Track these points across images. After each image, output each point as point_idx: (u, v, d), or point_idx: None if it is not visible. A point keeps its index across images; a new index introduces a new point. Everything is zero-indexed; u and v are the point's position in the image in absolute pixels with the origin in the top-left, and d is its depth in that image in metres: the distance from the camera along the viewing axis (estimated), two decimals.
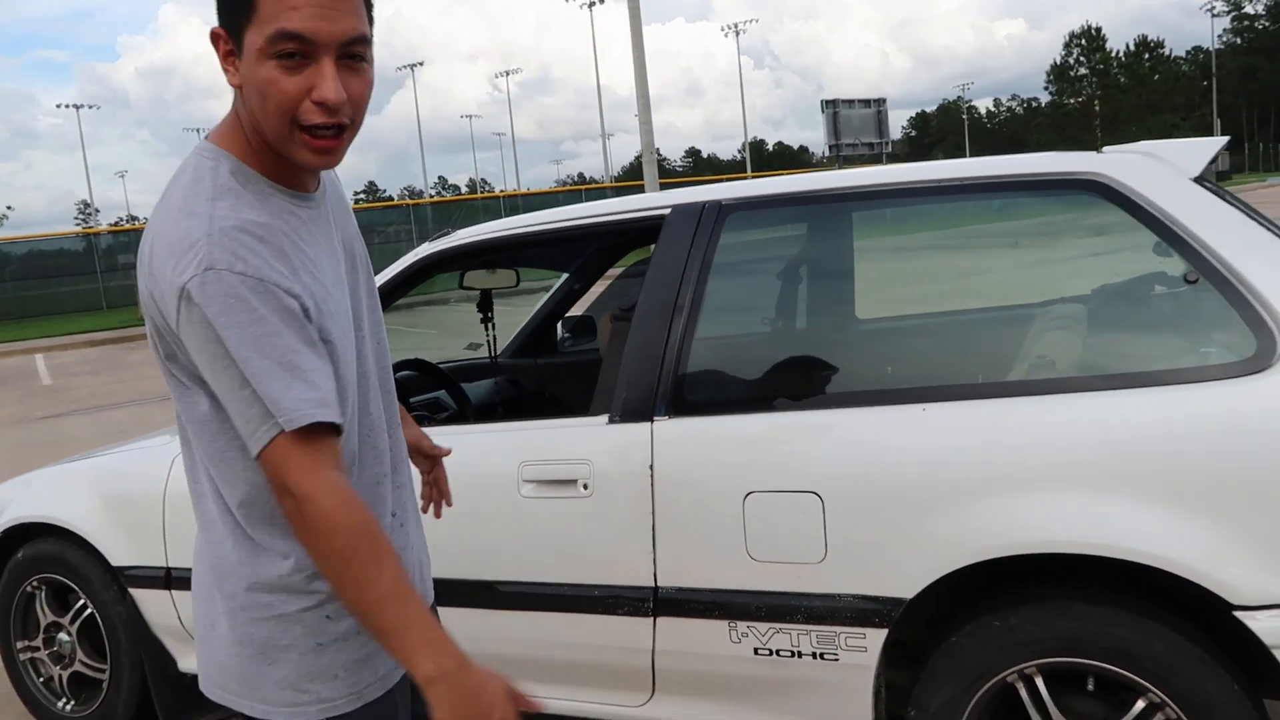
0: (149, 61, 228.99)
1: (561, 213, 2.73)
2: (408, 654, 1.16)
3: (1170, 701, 1.82)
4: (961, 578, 1.98)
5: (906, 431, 2.02)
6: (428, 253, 2.77)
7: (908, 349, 2.81)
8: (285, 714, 1.31)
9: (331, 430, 1.19)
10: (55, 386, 12.83)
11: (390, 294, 2.79)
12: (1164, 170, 2.09)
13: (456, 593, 2.40)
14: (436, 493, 1.83)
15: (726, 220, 2.41)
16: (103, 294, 27.97)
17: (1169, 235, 2.02)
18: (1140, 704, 1.86)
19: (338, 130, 1.21)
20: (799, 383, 2.30)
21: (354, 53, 1.20)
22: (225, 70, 1.23)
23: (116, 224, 66.47)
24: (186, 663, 2.96)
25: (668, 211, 2.47)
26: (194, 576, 1.40)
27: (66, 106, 64.80)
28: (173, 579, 2.85)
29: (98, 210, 78.31)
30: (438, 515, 1.82)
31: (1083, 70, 78.60)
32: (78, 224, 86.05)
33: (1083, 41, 78.94)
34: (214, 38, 1.23)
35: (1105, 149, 2.21)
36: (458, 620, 2.42)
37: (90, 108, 68.48)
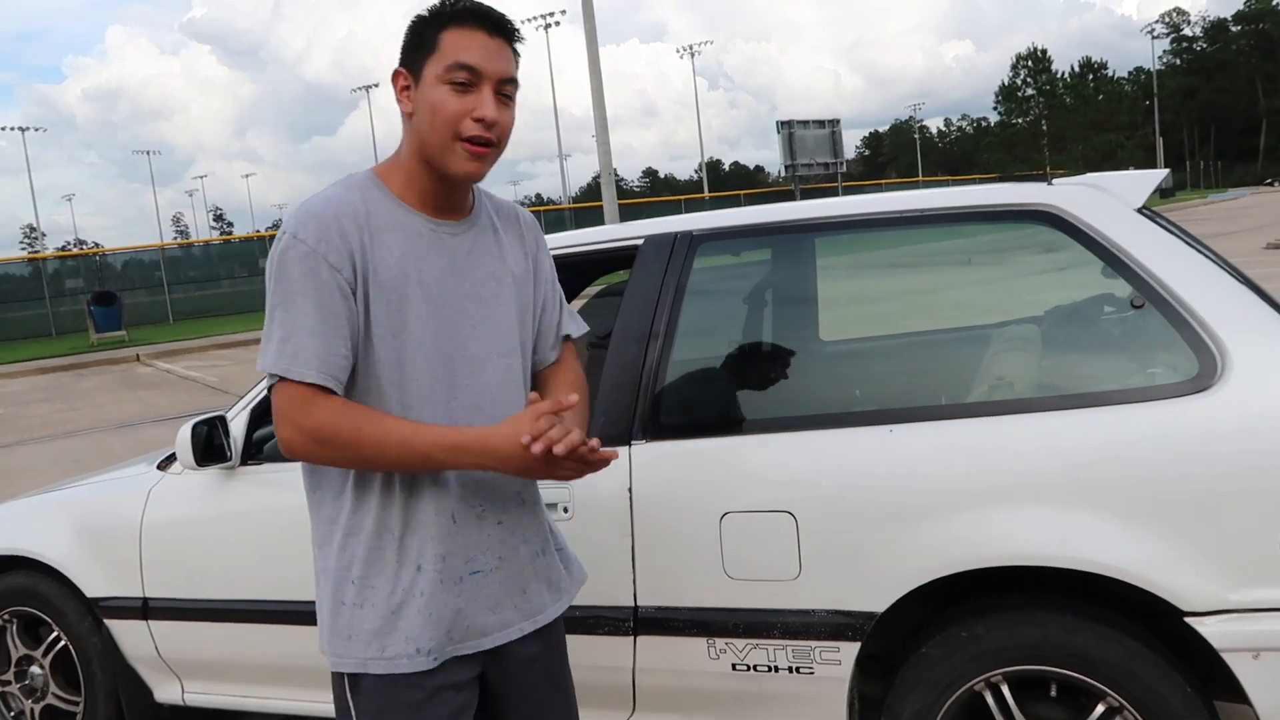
0: (96, 83, 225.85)
1: None
2: (445, 460, 1.49)
3: (1128, 705, 1.92)
4: (930, 591, 2.08)
5: (875, 452, 2.11)
6: None
7: (873, 371, 2.91)
8: (331, 661, 1.57)
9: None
10: (5, 415, 12.59)
11: None
12: (1110, 201, 2.21)
13: None
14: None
15: (698, 250, 2.49)
16: (52, 320, 27.43)
17: (1115, 263, 2.13)
18: (1100, 708, 1.96)
19: (488, 144, 1.51)
20: (771, 405, 2.39)
21: (506, 91, 1.53)
22: (400, 101, 1.54)
23: (64, 248, 65.34)
24: (163, 693, 2.97)
25: (641, 241, 2.55)
26: None
27: (11, 129, 63.51)
28: (150, 609, 2.86)
29: (44, 234, 76.93)
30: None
31: (1030, 90, 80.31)
32: (23, 249, 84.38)
33: (1029, 63, 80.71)
34: (395, 76, 1.56)
35: (1055, 181, 2.33)
36: None
37: (36, 130, 67.20)
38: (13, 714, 3.21)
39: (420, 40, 1.53)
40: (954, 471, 2.04)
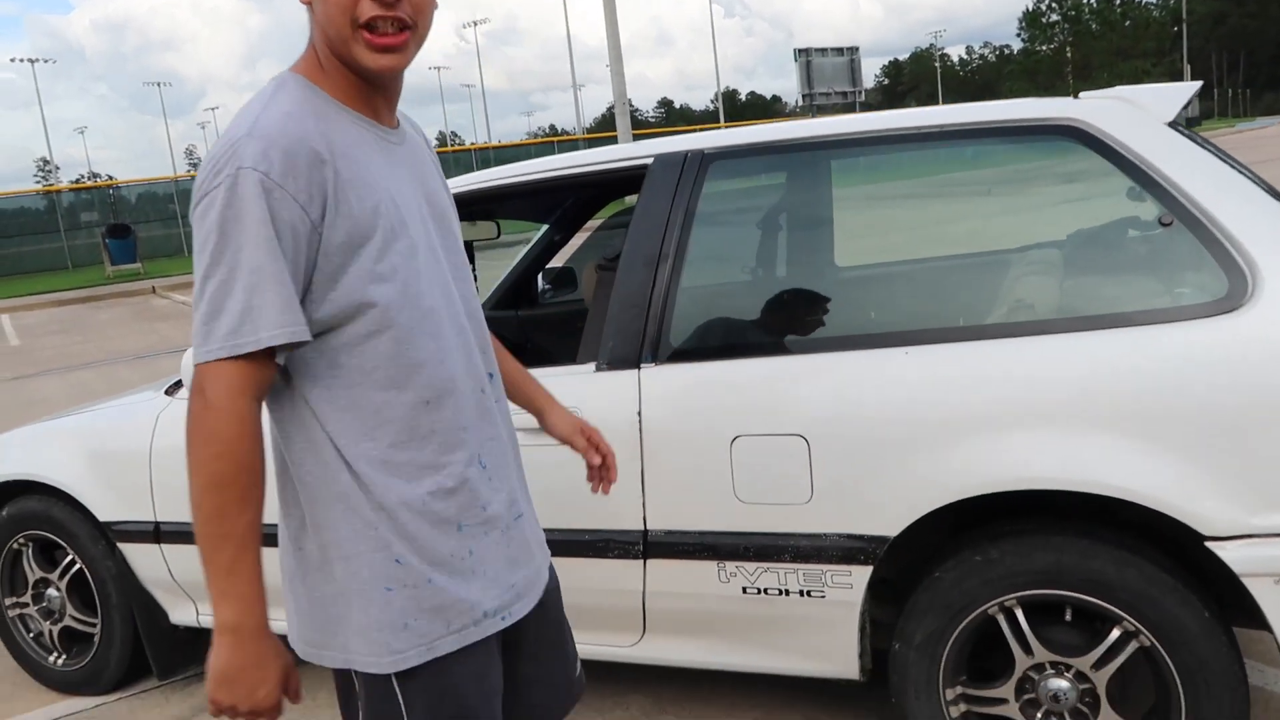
0: (104, 14, 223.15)
1: (543, 163, 2.72)
2: (221, 596, 1.19)
3: (1144, 629, 1.90)
4: (943, 516, 2.04)
5: (890, 375, 2.06)
6: None
7: (889, 295, 2.84)
8: (363, 663, 1.31)
9: (254, 359, 1.20)
10: (22, 347, 12.67)
11: None
12: (1139, 115, 2.13)
13: None
14: (602, 465, 1.73)
15: (709, 169, 2.42)
16: (68, 253, 27.52)
17: (1144, 179, 2.05)
18: (1115, 633, 1.93)
19: (398, 26, 1.25)
20: (783, 329, 2.34)
21: None
22: None
23: (78, 181, 65.18)
24: (178, 615, 2.99)
25: (650, 161, 2.47)
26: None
27: (20, 60, 62.98)
28: (162, 533, 2.87)
29: (58, 167, 76.68)
30: (605, 491, 1.75)
31: (1055, 17, 78.31)
32: (37, 182, 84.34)
33: None
34: None
35: (1082, 95, 2.24)
36: None
37: (45, 62, 66.49)
38: (31, 635, 3.25)
39: None
40: (970, 394, 1.99)
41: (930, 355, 2.05)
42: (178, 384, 2.92)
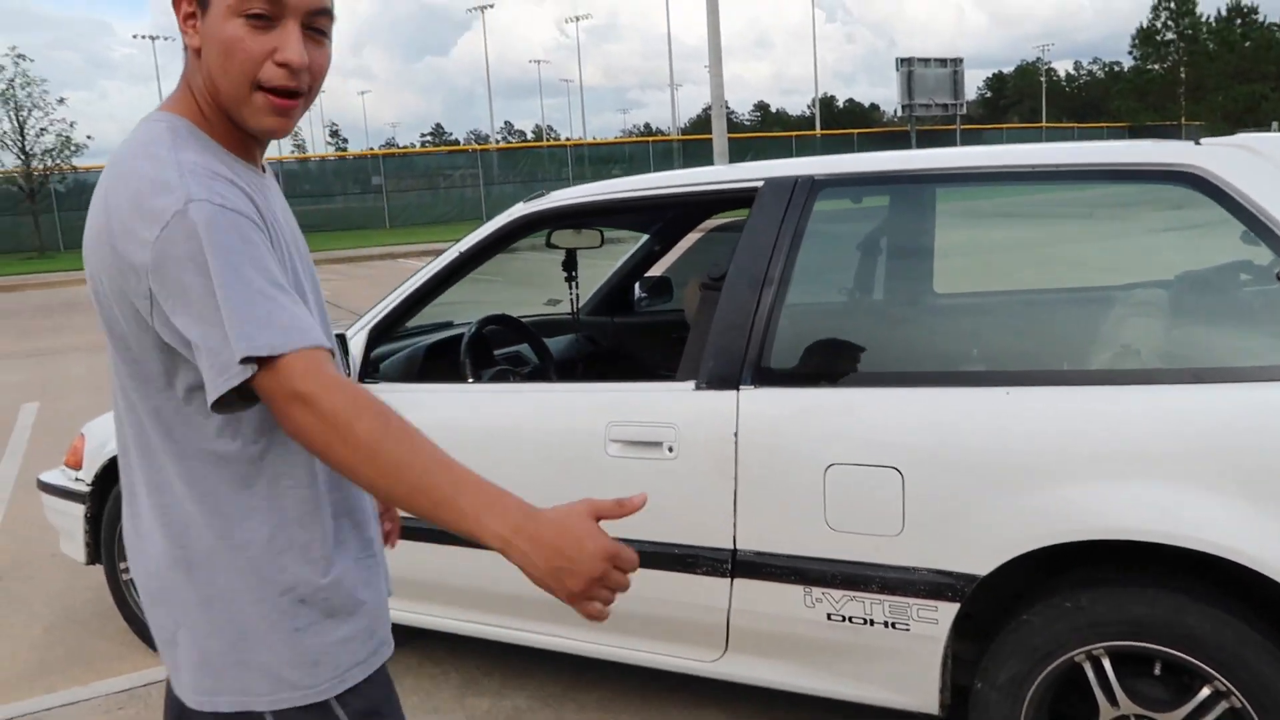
0: None
1: (656, 180, 2.79)
2: (471, 520, 1.08)
3: (1235, 690, 1.88)
4: (1031, 557, 2.05)
5: (989, 414, 2.08)
6: (522, 214, 2.86)
7: (989, 328, 2.83)
8: (266, 703, 1.24)
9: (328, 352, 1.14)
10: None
11: (484, 252, 2.89)
12: (1263, 165, 2.09)
13: None
14: (390, 522, 1.62)
15: (819, 195, 2.45)
16: None
17: (1263, 231, 2.03)
18: (1205, 691, 1.92)
19: (295, 94, 1.21)
20: (883, 358, 2.36)
21: (318, 25, 1.22)
22: (184, 33, 1.22)
23: None
24: None
25: (760, 184, 2.52)
26: (148, 579, 1.28)
27: (141, 37, 65.63)
28: None
29: None
30: (391, 546, 1.62)
31: (1170, 35, 75.62)
32: None
33: (1171, 4, 75.87)
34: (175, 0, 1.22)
35: (1203, 141, 2.21)
36: None
37: (165, 39, 69.16)
38: None
39: None
40: (1072, 440, 1.99)
41: (1032, 398, 2.06)
42: None
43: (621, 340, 4.12)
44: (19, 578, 4.14)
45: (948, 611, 2.09)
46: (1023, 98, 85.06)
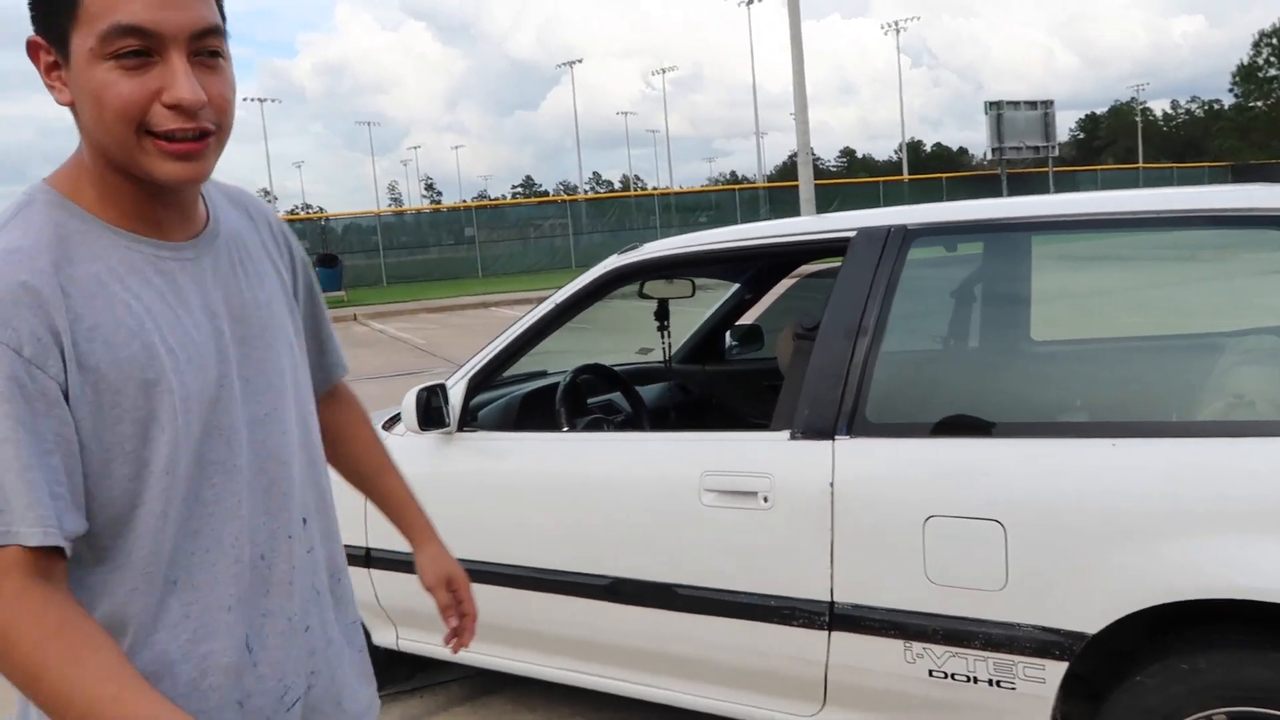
0: (324, 58, 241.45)
1: (749, 231, 2.82)
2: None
3: None
4: (1145, 616, 1.98)
5: (1095, 466, 2.03)
6: (616, 266, 2.91)
7: (1091, 377, 2.77)
8: None
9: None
10: None
11: (579, 303, 2.95)
12: None
13: (635, 592, 2.53)
14: (463, 622, 1.53)
15: (912, 244, 2.45)
16: None
17: None
18: None
19: (199, 134, 1.03)
20: (982, 408, 2.32)
21: (208, 48, 1.03)
22: (51, 88, 1.04)
23: (293, 212, 70.45)
24: (380, 637, 3.20)
25: (853, 234, 2.52)
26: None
27: (249, 100, 68.87)
28: (372, 558, 3.09)
29: (276, 198, 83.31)
30: (454, 650, 1.54)
31: (1273, 71, 73.15)
32: None
33: (1274, 40, 73.47)
34: (31, 48, 1.04)
35: None
36: (635, 618, 2.55)
37: (271, 101, 72.85)
38: None
39: None
40: (1185, 495, 1.93)
41: (1141, 449, 2.00)
42: (395, 418, 3.14)
43: (713, 389, 4.14)
44: None
45: (1055, 671, 2.03)
46: (1117, 138, 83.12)
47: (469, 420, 2.99)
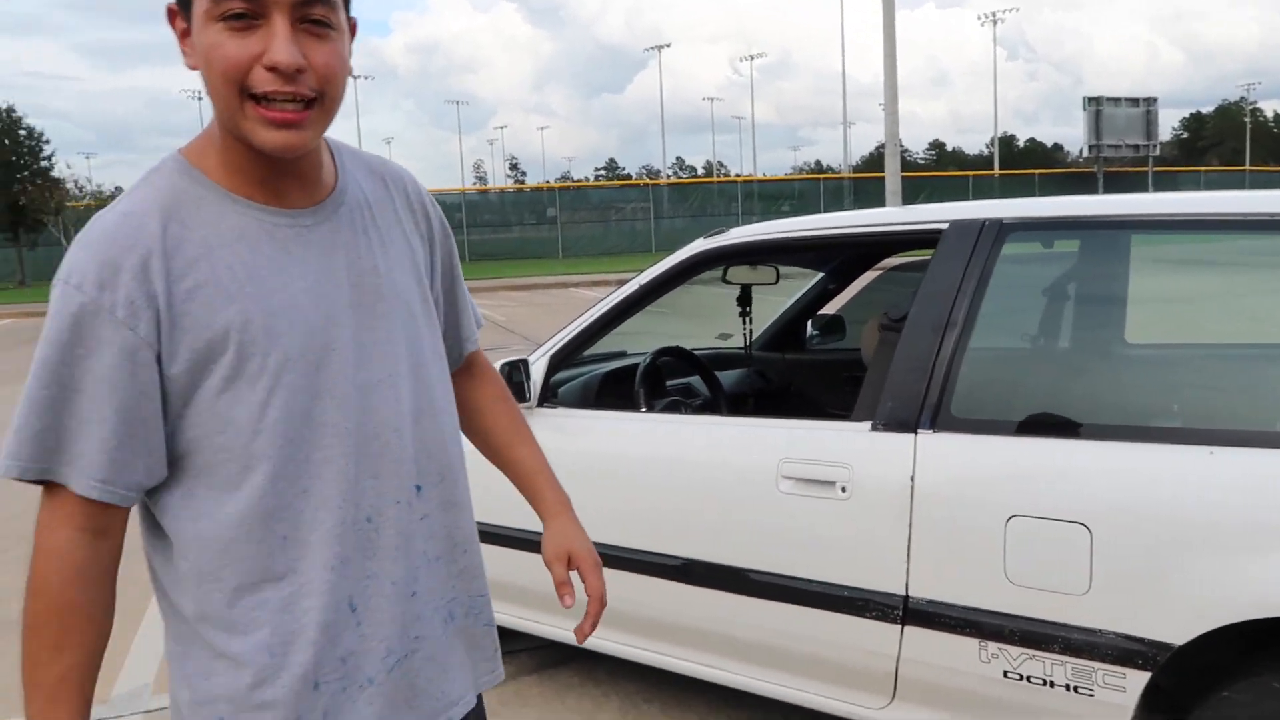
0: (416, 37, 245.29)
1: (837, 219, 2.79)
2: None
3: None
4: (1236, 630, 1.91)
5: (1191, 474, 1.96)
6: (702, 249, 2.91)
7: (1188, 382, 2.68)
8: None
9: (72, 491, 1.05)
10: None
11: (663, 285, 2.96)
12: None
13: (707, 574, 2.54)
14: (587, 605, 1.42)
15: (1006, 239, 2.40)
16: None
17: None
18: None
19: (300, 103, 1.05)
20: (1072, 408, 2.27)
21: (315, 16, 1.05)
22: (184, 54, 1.09)
23: None
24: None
25: (945, 226, 2.48)
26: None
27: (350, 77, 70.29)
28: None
29: None
30: (579, 640, 1.43)
31: None
32: None
33: None
34: (170, 15, 1.09)
35: None
36: (706, 601, 2.56)
37: (366, 79, 74.21)
38: None
39: None
40: None
41: (1241, 459, 1.93)
42: None
43: (792, 377, 4.11)
44: None
45: (1137, 680, 1.98)
46: (1224, 139, 79.85)
47: (549, 396, 3.02)
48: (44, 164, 30.87)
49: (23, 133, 30.94)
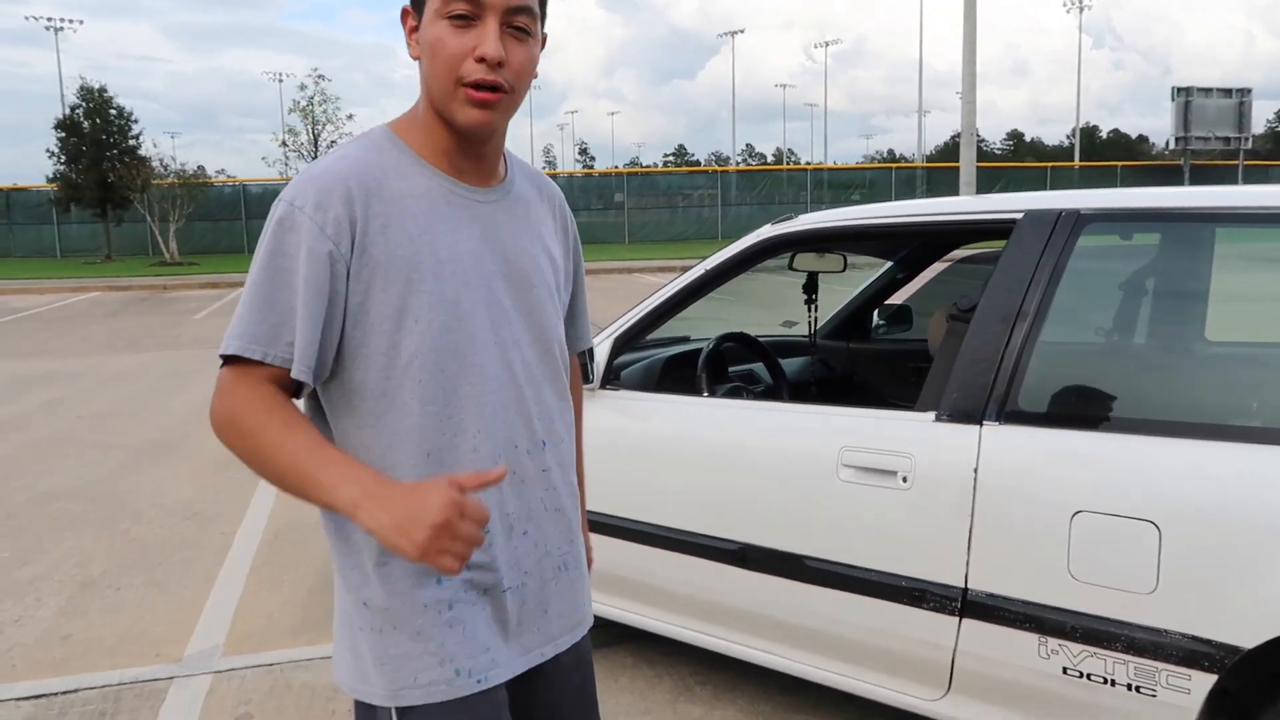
0: None
1: (908, 207, 2.76)
2: (328, 491, 1.18)
3: None
4: None
5: (1270, 474, 1.91)
6: (770, 235, 2.90)
7: (1268, 382, 2.60)
8: (354, 691, 1.36)
9: (257, 364, 1.25)
10: None
11: (729, 271, 2.95)
12: None
13: (764, 560, 2.54)
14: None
15: (1083, 230, 2.35)
16: None
17: None
18: None
19: (496, 90, 1.29)
20: (1145, 405, 2.22)
21: (519, 24, 1.29)
22: (409, 45, 1.34)
23: None
24: None
25: (1020, 216, 2.44)
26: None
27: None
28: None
29: None
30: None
31: None
32: None
33: None
34: (403, 15, 1.36)
35: None
36: (762, 586, 2.56)
37: None
38: None
39: None
40: None
41: None
42: None
43: (856, 366, 4.08)
44: (291, 540, 4.60)
45: (1202, 682, 1.94)
46: None
47: (612, 378, 3.05)
48: (132, 143, 31.73)
49: (113, 112, 31.85)
